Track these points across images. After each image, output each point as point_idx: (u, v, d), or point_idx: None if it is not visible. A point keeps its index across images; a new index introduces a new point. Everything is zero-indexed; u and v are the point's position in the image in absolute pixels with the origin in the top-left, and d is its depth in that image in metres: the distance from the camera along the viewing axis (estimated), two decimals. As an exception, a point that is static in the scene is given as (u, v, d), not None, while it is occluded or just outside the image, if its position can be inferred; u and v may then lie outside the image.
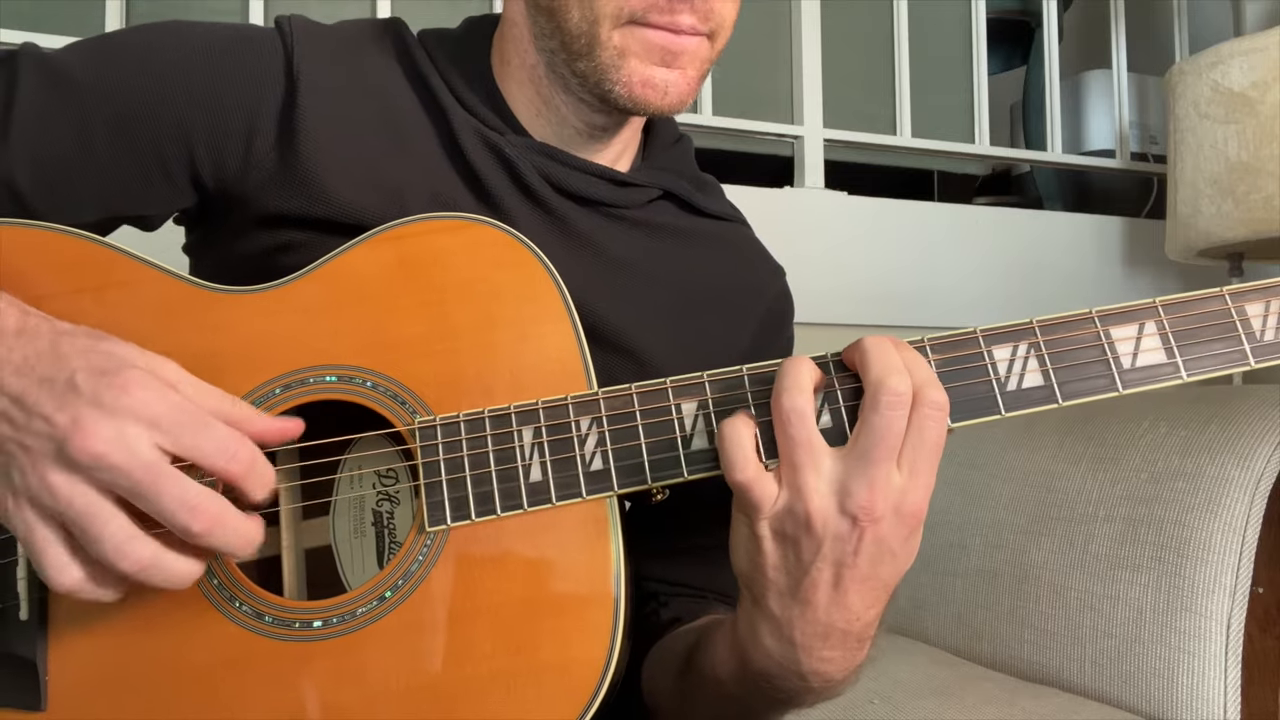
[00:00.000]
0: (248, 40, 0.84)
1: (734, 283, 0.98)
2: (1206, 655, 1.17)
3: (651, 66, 0.81)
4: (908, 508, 0.64)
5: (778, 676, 0.70)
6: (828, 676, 0.69)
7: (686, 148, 1.01)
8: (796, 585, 0.66)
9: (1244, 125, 1.76)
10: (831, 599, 0.66)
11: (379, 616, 0.68)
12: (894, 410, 0.63)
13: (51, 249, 0.74)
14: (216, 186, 0.82)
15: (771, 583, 0.67)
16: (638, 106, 0.82)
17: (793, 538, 0.65)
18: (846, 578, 0.65)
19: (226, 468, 0.63)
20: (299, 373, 0.72)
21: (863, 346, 0.66)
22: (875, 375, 0.64)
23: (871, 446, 0.63)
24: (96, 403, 0.60)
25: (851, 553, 0.64)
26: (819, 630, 0.67)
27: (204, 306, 0.73)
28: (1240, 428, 1.24)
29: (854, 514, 0.63)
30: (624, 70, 0.81)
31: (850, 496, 0.63)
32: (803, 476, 0.64)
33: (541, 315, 0.73)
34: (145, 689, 0.67)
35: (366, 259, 0.75)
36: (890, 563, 0.66)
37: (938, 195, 2.61)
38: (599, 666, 0.67)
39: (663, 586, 0.94)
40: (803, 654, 0.68)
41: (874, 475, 0.63)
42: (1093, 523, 1.34)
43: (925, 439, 0.64)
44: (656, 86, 0.81)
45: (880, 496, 0.63)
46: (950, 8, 2.36)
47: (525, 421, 0.70)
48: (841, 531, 0.64)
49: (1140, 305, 0.70)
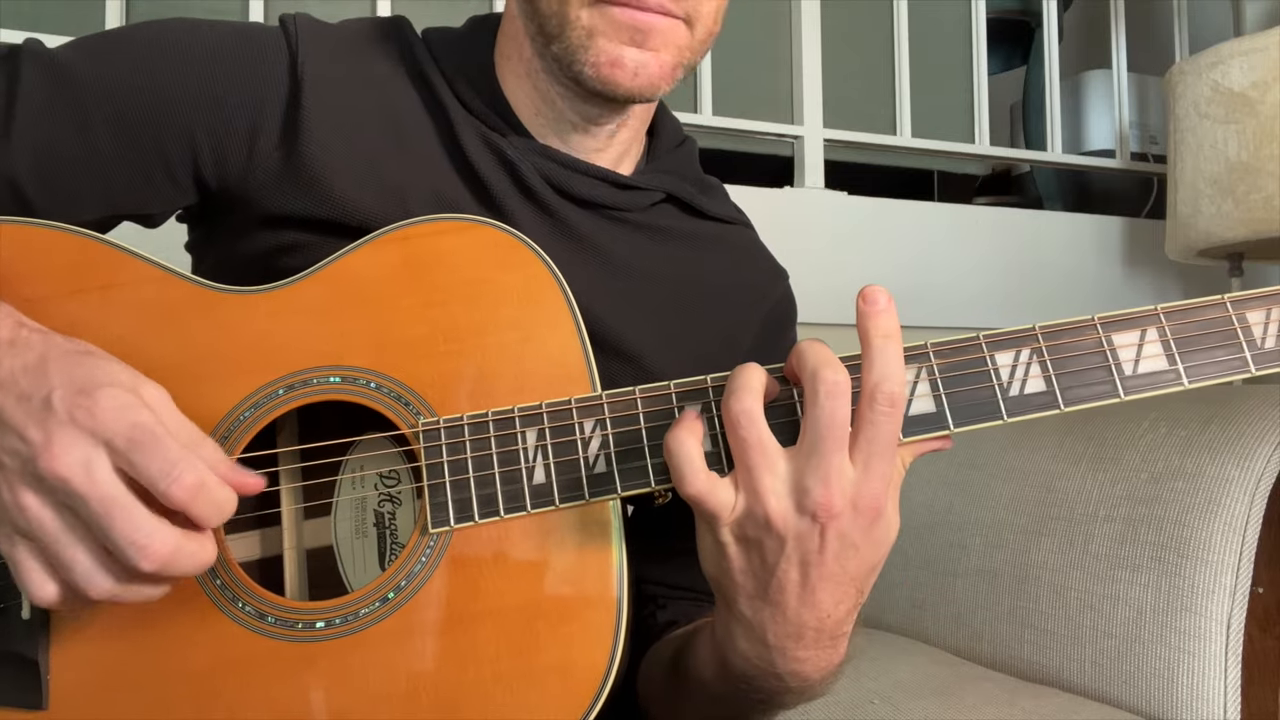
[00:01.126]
0: (252, 39, 0.84)
1: (736, 285, 0.98)
2: (1206, 655, 1.17)
3: (621, 46, 0.80)
4: (865, 500, 0.63)
5: (756, 677, 0.70)
6: (804, 676, 0.69)
7: (690, 150, 1.01)
8: (764, 588, 0.66)
9: (1244, 125, 1.76)
10: (800, 599, 0.65)
11: (382, 618, 0.68)
12: (831, 399, 0.62)
13: (53, 247, 0.74)
14: (219, 186, 0.82)
15: (740, 587, 0.67)
16: (606, 87, 0.81)
17: (755, 541, 0.65)
18: (813, 576, 0.65)
19: (167, 491, 0.60)
20: (303, 373, 0.72)
21: (797, 349, 0.65)
22: (810, 369, 0.63)
23: (819, 440, 0.62)
24: (70, 422, 0.59)
25: (815, 550, 0.64)
26: (791, 631, 0.67)
27: (207, 306, 0.73)
28: (1240, 428, 1.24)
29: (813, 511, 0.63)
30: (592, 50, 0.80)
31: (807, 494, 0.62)
32: (757, 478, 0.63)
33: (545, 317, 0.73)
34: (147, 688, 0.67)
35: (371, 260, 0.75)
36: (855, 557, 0.65)
37: (938, 195, 2.61)
38: (600, 669, 0.67)
39: (661, 589, 0.94)
40: (777, 655, 0.68)
41: (827, 470, 0.62)
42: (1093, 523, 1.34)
43: (877, 434, 0.63)
44: (625, 67, 0.80)
45: (836, 491, 0.62)
46: (950, 8, 2.35)
47: (529, 423, 0.70)
48: (802, 530, 0.63)
49: (1142, 312, 0.71)
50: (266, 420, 0.71)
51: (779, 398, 0.67)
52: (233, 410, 0.71)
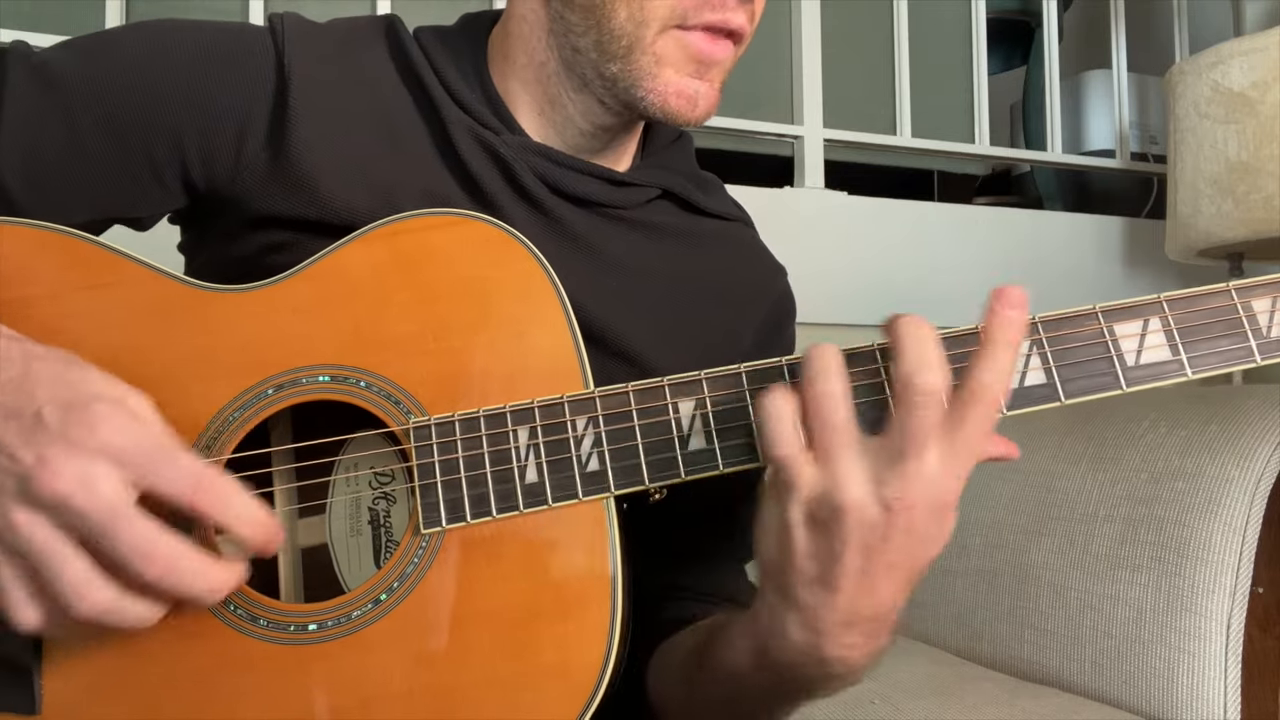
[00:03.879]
0: (239, 40, 0.83)
1: (735, 282, 0.97)
2: (1206, 655, 1.17)
3: (686, 78, 0.81)
4: (943, 497, 0.63)
5: (799, 665, 0.68)
6: (850, 663, 0.68)
7: (686, 145, 1.00)
8: (826, 574, 0.64)
9: (1244, 125, 1.76)
10: (860, 586, 0.64)
11: (375, 619, 0.67)
12: (924, 410, 0.61)
13: (40, 247, 0.73)
14: (208, 188, 0.82)
15: (801, 572, 0.65)
16: (668, 117, 0.82)
17: (824, 524, 0.63)
18: (877, 565, 0.63)
19: (193, 500, 0.59)
20: (292, 373, 0.71)
21: (894, 333, 0.64)
22: (906, 370, 0.62)
23: (908, 440, 0.61)
24: (64, 439, 0.58)
25: (881, 540, 0.62)
26: (845, 618, 0.65)
27: (196, 306, 0.73)
28: (1240, 428, 1.24)
29: (888, 503, 0.62)
30: (660, 79, 0.80)
31: (885, 486, 0.62)
32: (839, 463, 0.62)
33: (537, 313, 0.72)
34: (140, 693, 0.67)
35: (359, 256, 0.74)
36: (921, 549, 0.64)
37: (938, 195, 2.61)
38: (596, 669, 0.66)
39: (666, 591, 0.93)
40: (827, 642, 0.66)
41: (906, 468, 0.61)
42: (1093, 523, 1.34)
43: (968, 434, 0.62)
44: (689, 98, 0.81)
45: (914, 487, 0.62)
46: (950, 8, 2.35)
47: (521, 421, 0.69)
48: (874, 520, 0.62)
49: (1145, 301, 0.70)
50: (255, 421, 0.70)
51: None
52: (221, 411, 0.70)
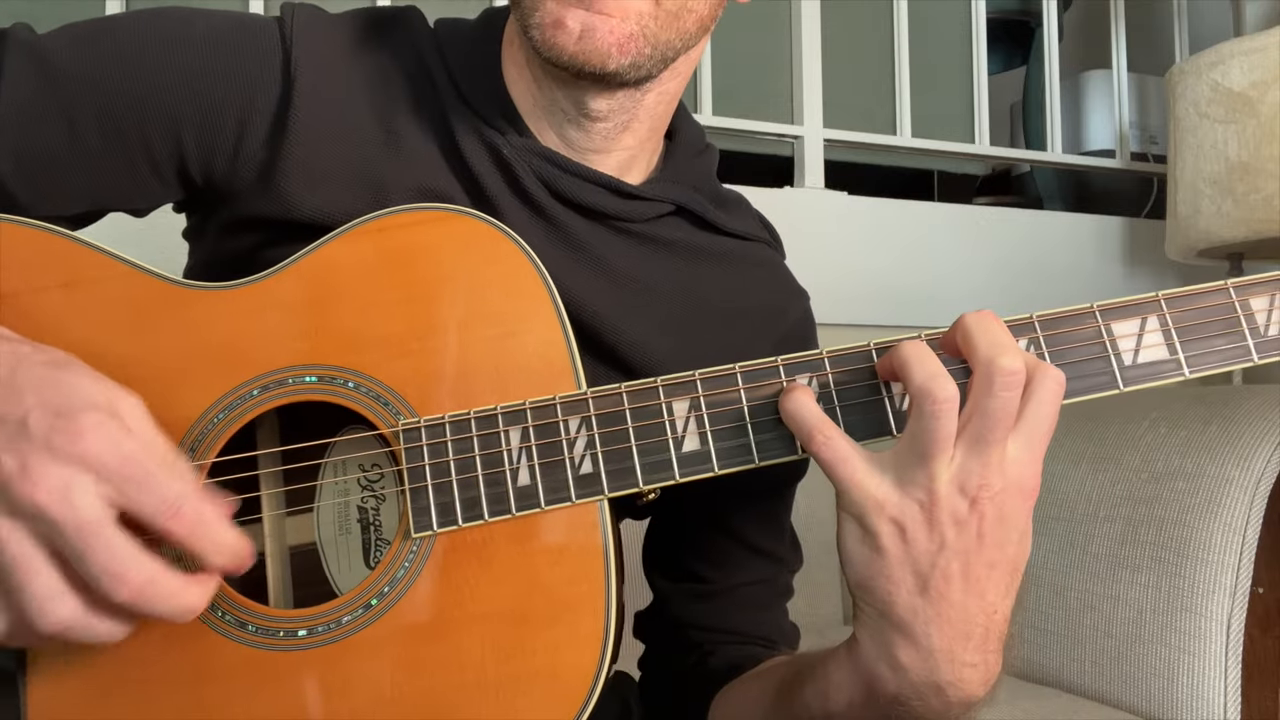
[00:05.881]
0: (245, 32, 0.81)
1: (749, 303, 0.93)
2: (1206, 655, 1.17)
3: (567, 7, 0.74)
4: (1027, 481, 0.63)
5: (912, 697, 0.66)
6: (968, 692, 0.65)
7: (710, 160, 0.95)
8: (925, 581, 0.63)
9: (1244, 125, 1.75)
10: (965, 589, 0.63)
11: (365, 624, 0.67)
12: (1009, 391, 0.61)
13: (20, 244, 0.71)
14: (205, 182, 0.81)
15: (898, 583, 0.63)
16: (550, 51, 0.76)
17: (913, 528, 0.62)
18: (975, 562, 0.62)
19: (166, 525, 0.58)
20: (278, 373, 0.70)
21: (965, 324, 0.64)
22: (984, 356, 0.62)
23: (987, 430, 0.61)
24: (48, 447, 0.56)
25: (975, 535, 0.62)
26: (959, 630, 0.63)
27: (179, 304, 0.71)
28: (1240, 428, 1.23)
29: (974, 495, 0.61)
30: (539, 12, 0.75)
31: (970, 476, 0.61)
32: (934, 465, 0.62)
33: (528, 312, 0.71)
34: (126, 701, 0.66)
35: (345, 253, 0.73)
36: (1015, 541, 0.63)
37: (938, 195, 2.60)
38: (590, 673, 0.66)
39: (702, 634, 0.92)
40: (943, 661, 0.64)
41: (993, 455, 0.61)
42: (1093, 523, 1.33)
43: (1042, 414, 0.62)
44: (568, 28, 0.74)
45: (997, 473, 0.61)
46: (950, 8, 2.35)
47: (512, 423, 0.68)
48: (961, 515, 0.62)
49: (1143, 299, 0.69)
50: (241, 423, 0.69)
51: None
52: (205, 413, 0.69)
